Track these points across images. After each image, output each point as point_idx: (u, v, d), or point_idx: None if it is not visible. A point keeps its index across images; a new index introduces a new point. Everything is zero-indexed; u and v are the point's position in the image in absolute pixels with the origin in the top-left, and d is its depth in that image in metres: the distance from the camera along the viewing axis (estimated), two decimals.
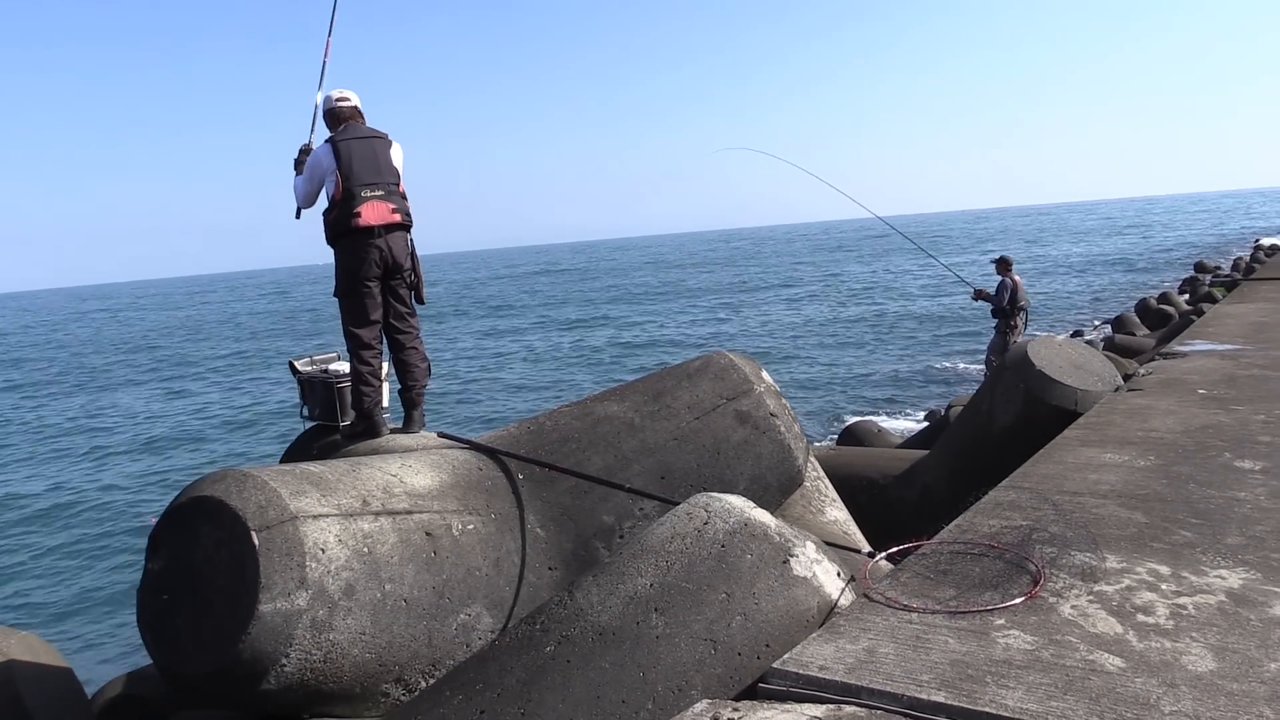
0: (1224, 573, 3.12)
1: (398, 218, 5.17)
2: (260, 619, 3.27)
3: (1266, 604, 2.86)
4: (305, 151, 5.48)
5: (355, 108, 5.38)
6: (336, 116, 5.33)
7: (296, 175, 5.43)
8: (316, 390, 5.60)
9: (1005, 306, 13.34)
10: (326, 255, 5.32)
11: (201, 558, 3.45)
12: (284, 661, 3.32)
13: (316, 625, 3.37)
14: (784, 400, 5.02)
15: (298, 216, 5.48)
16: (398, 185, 5.24)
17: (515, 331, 41.24)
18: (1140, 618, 2.83)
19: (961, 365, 23.66)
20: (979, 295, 13.60)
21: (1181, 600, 2.93)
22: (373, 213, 5.07)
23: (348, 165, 5.08)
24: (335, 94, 5.38)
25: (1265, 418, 5.08)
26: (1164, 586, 3.04)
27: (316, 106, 5.55)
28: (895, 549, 3.59)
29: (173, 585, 3.48)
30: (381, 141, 5.27)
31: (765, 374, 5.08)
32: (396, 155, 5.29)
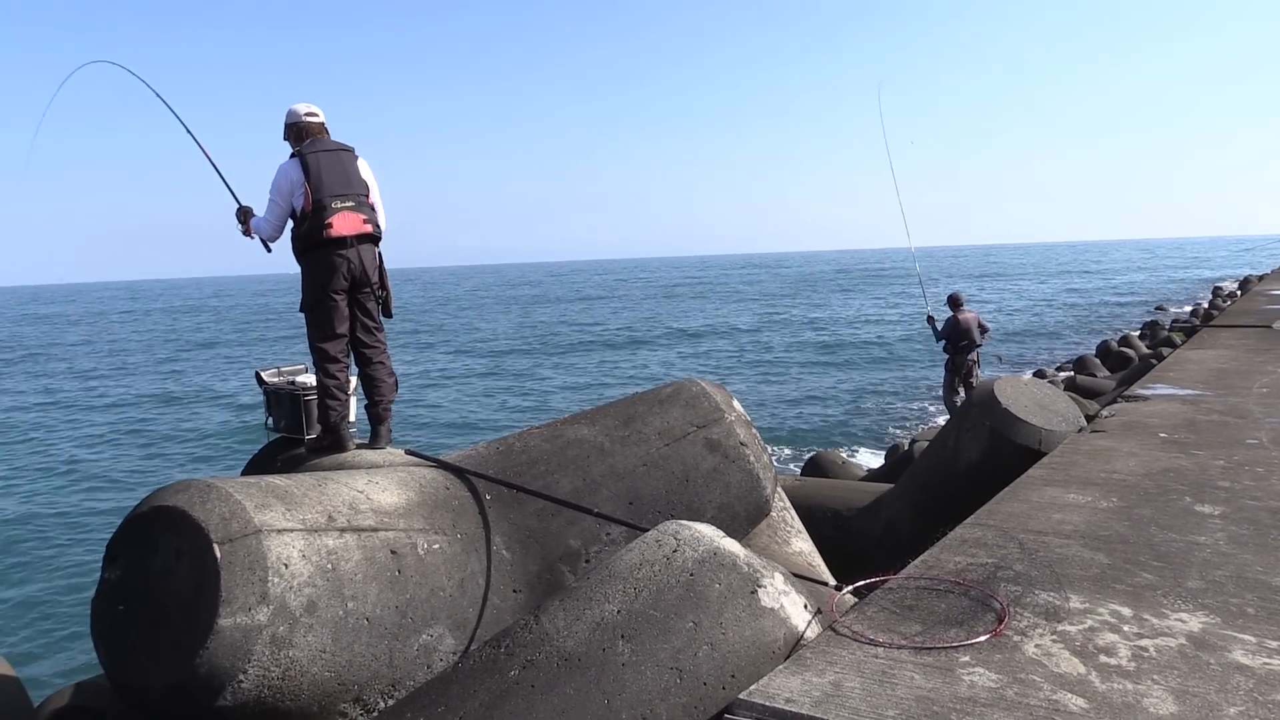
0: (1185, 616, 3.16)
1: (369, 228, 5.16)
2: (219, 633, 3.21)
3: (1226, 648, 2.90)
4: (244, 212, 5.41)
5: (322, 124, 5.34)
6: (303, 131, 5.28)
7: (241, 229, 5.40)
8: (283, 402, 5.55)
9: (945, 344, 13.56)
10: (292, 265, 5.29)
11: (160, 569, 3.39)
12: (241, 678, 3.26)
13: (276, 641, 3.31)
14: (754, 429, 5.03)
15: (268, 250, 5.42)
16: (367, 196, 5.22)
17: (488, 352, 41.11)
18: (1103, 659, 2.85)
19: (922, 400, 23.88)
20: (930, 320, 13.84)
21: (1143, 642, 2.96)
22: (344, 223, 5.06)
23: (317, 177, 5.05)
24: (303, 109, 5.31)
25: (1225, 463, 5.16)
26: (1126, 628, 3.07)
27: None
28: (862, 583, 3.59)
29: (129, 596, 3.41)
30: (348, 154, 5.24)
31: (736, 402, 5.10)
32: (364, 168, 5.28)
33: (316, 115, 5.33)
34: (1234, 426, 6.14)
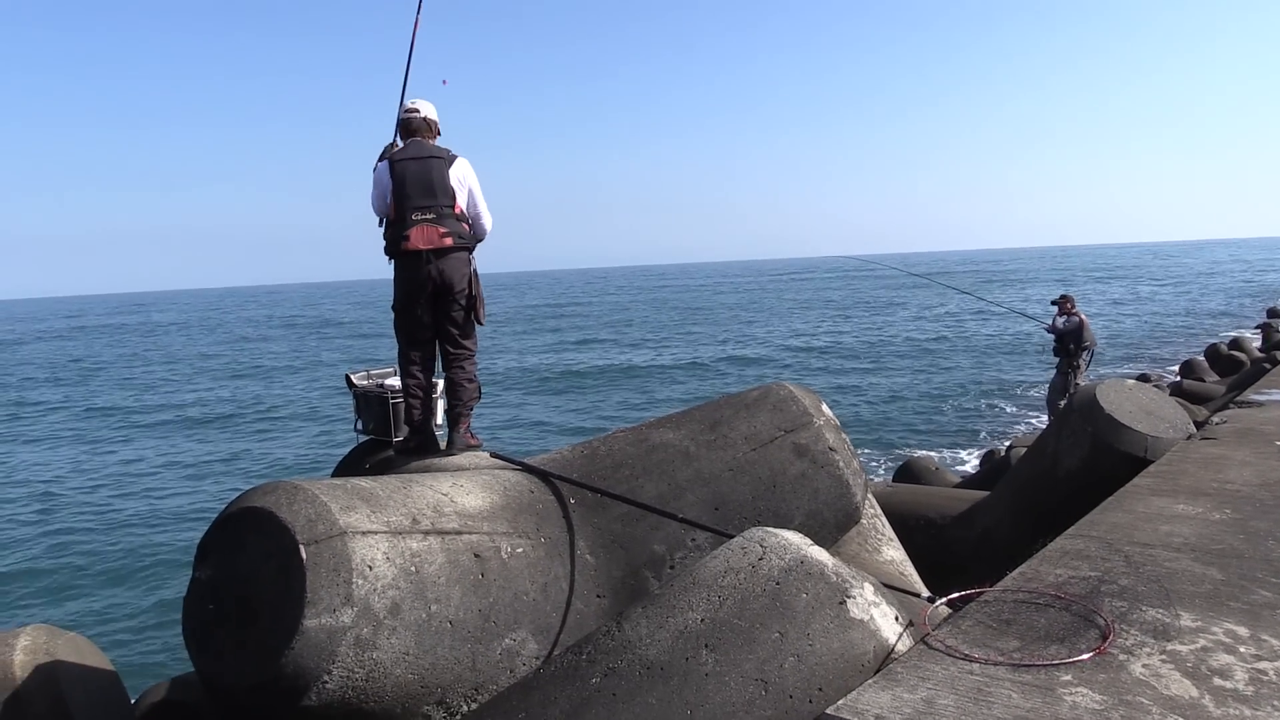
0: None
1: (449, 241, 5.12)
2: (304, 634, 3.23)
3: None
4: (387, 149, 5.42)
5: (425, 120, 5.33)
6: (405, 127, 5.33)
7: None
8: (371, 405, 5.61)
9: (1070, 346, 13.08)
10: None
11: (249, 569, 3.43)
12: (326, 678, 3.28)
13: (360, 643, 3.32)
14: (843, 434, 4.91)
15: (380, 225, 5.44)
16: (453, 207, 5.16)
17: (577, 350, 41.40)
18: (1217, 681, 2.68)
19: (1019, 405, 23.24)
20: (1053, 329, 13.38)
21: (1262, 665, 2.78)
22: (421, 237, 5.09)
23: (400, 186, 5.10)
24: (408, 104, 5.36)
25: None
26: (1242, 649, 2.89)
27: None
28: (956, 594, 3.46)
29: (219, 595, 3.46)
30: (439, 161, 5.18)
31: (825, 406, 4.98)
32: (458, 174, 5.20)
33: (417, 111, 5.33)
34: None
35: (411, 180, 5.11)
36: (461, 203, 5.22)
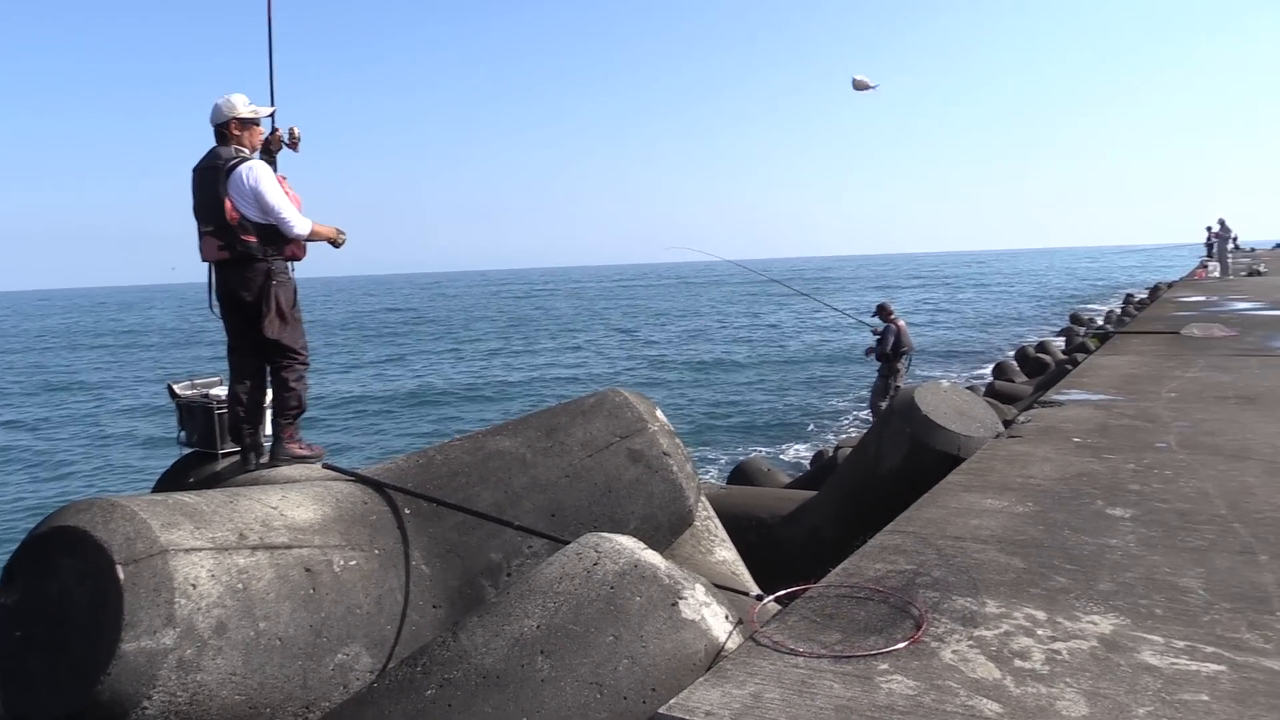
0: (1096, 618, 3.21)
1: (226, 255, 4.96)
2: (122, 658, 3.09)
3: (1135, 650, 2.95)
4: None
5: (221, 124, 5.03)
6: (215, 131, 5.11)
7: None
8: (195, 415, 5.41)
9: (888, 352, 13.73)
10: None
11: (60, 592, 3.26)
12: (146, 704, 3.15)
13: (183, 665, 3.21)
14: (677, 439, 5.03)
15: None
16: (229, 218, 4.87)
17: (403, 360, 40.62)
18: (1018, 663, 2.88)
19: (845, 405, 24.19)
20: (869, 352, 14.03)
21: (1056, 645, 3.00)
22: (204, 250, 5.03)
23: (192, 198, 5.04)
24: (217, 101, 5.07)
25: (1135, 466, 5.29)
26: (1040, 632, 3.11)
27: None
28: (783, 592, 3.60)
29: (28, 621, 3.28)
30: (213, 171, 4.92)
31: (659, 412, 5.08)
32: (237, 183, 4.86)
33: (216, 112, 5.04)
34: (1144, 431, 6.31)
35: (194, 192, 5.02)
36: (246, 212, 4.90)
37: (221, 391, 5.43)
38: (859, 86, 12.67)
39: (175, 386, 5.70)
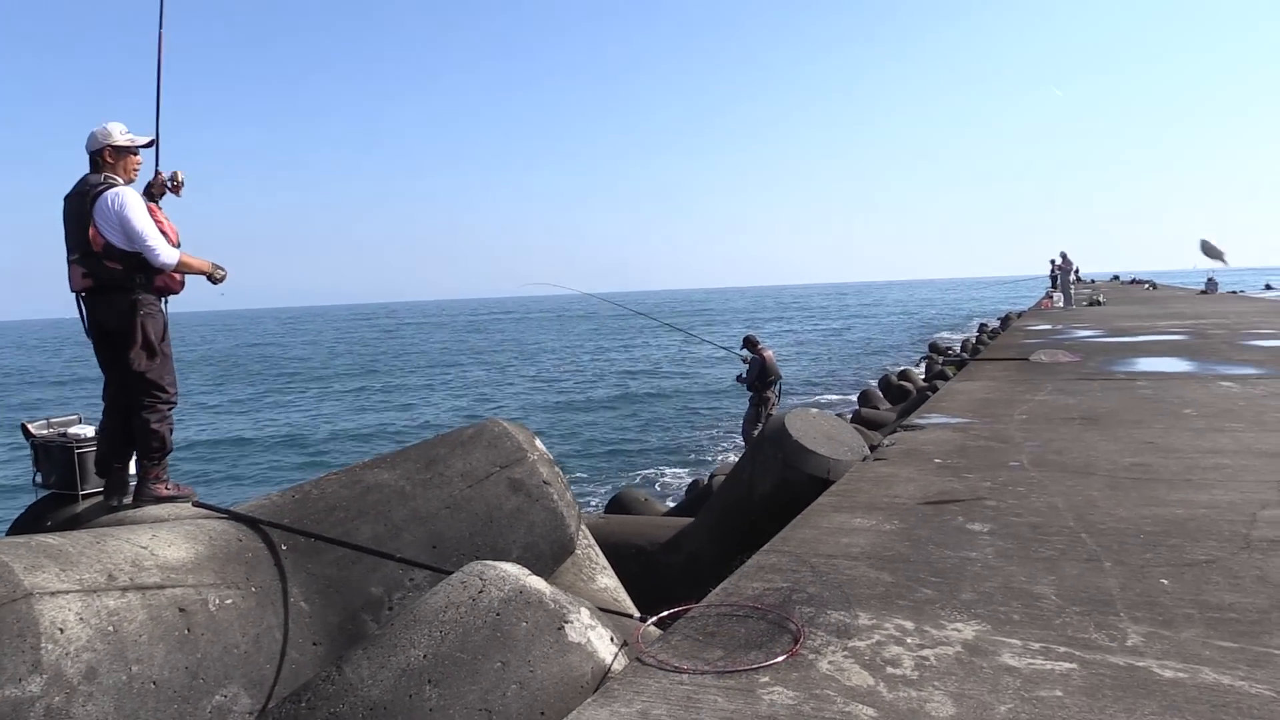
0: (960, 625, 3.40)
1: (89, 283, 4.86)
2: None
3: (996, 653, 3.14)
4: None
5: (95, 152, 4.93)
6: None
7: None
8: (53, 455, 5.19)
9: (758, 381, 14.11)
10: None
11: None
12: None
13: (51, 713, 3.08)
14: (557, 468, 5.08)
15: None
16: (93, 246, 4.78)
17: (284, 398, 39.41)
18: (889, 670, 3.03)
19: (719, 434, 24.61)
20: (740, 379, 14.38)
21: (925, 652, 3.17)
22: (71, 279, 4.91)
23: (63, 226, 4.93)
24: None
25: (991, 484, 5.58)
26: (909, 640, 3.28)
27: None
28: (665, 613, 3.68)
29: None
30: (79, 198, 4.84)
31: (538, 442, 5.13)
32: (103, 209, 4.77)
33: (90, 140, 4.95)
34: (998, 451, 6.66)
35: (64, 219, 4.91)
36: (111, 239, 4.79)
37: (80, 430, 5.24)
38: (1210, 253, 13.13)
39: (30, 426, 5.46)
